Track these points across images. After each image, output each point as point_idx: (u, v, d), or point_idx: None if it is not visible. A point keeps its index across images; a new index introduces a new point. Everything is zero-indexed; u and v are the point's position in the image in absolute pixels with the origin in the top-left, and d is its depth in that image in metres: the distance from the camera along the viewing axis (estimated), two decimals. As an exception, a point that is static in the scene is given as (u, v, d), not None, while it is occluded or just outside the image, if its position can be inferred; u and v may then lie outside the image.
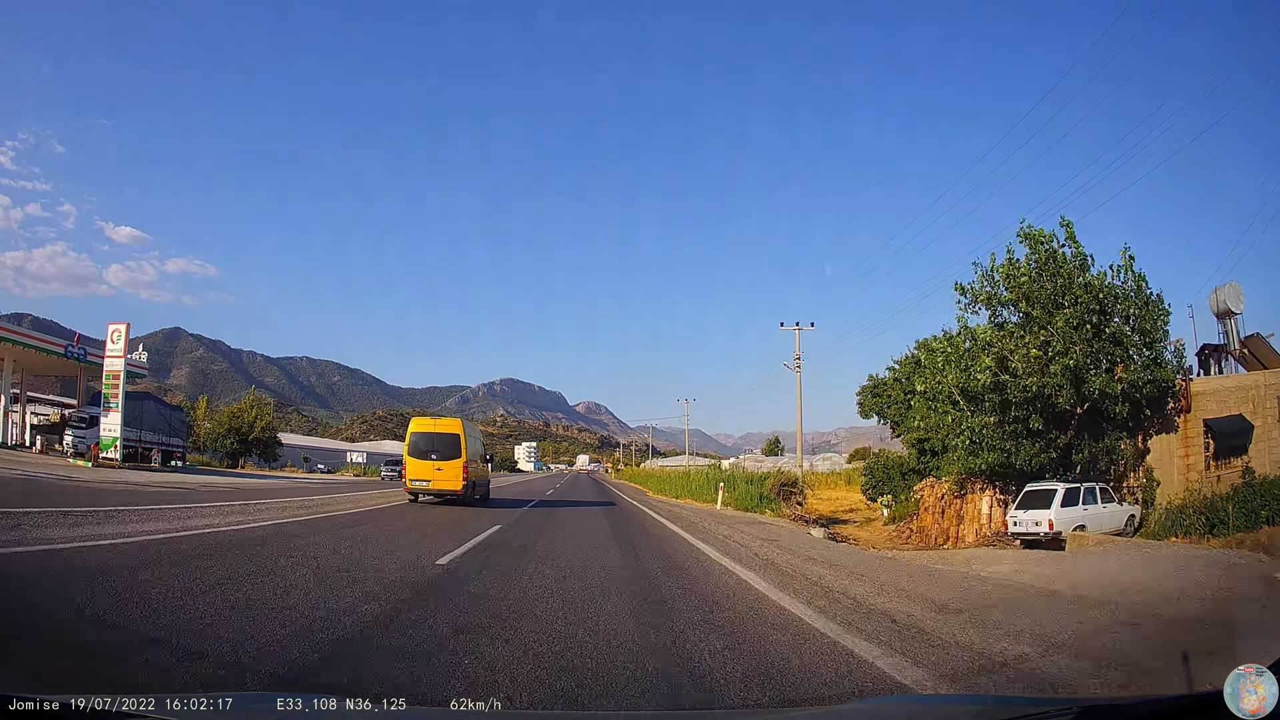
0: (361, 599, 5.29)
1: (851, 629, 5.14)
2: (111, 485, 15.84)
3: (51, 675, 3.09)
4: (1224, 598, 6.84)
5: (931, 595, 6.91)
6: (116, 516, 9.20)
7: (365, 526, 11.05)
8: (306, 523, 10.98)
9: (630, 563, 8.72)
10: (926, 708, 2.83)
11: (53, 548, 6.40)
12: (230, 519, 10.31)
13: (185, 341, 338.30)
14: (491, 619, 4.97)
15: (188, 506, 11.87)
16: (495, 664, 3.76)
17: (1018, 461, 15.33)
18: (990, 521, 16.52)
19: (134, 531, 7.92)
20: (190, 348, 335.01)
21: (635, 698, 3.39)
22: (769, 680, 3.66)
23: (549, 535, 11.77)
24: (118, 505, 10.72)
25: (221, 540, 8.00)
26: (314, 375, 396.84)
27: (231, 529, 9.18)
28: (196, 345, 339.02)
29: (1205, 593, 7.06)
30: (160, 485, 18.07)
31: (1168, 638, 5.21)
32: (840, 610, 5.89)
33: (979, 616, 5.90)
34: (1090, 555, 10.31)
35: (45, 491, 12.78)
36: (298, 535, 9.20)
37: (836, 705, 3.10)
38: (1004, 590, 7.60)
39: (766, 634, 4.98)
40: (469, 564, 7.58)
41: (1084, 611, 6.22)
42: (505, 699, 3.12)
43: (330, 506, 14.79)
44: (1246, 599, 6.93)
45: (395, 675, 3.47)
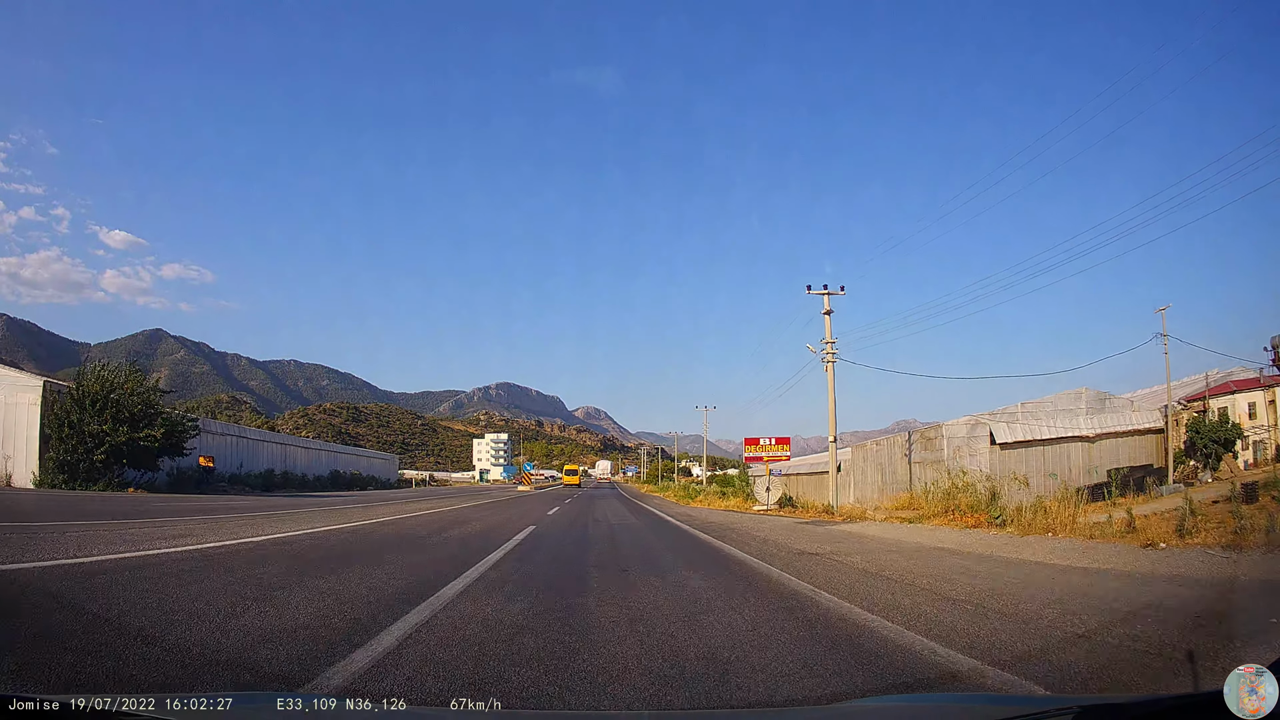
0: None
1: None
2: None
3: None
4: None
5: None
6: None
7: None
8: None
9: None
10: (926, 707, 2.85)
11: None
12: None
13: (166, 344, 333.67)
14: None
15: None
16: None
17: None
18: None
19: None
20: (171, 350, 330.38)
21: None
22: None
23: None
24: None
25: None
26: (301, 379, 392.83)
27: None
28: (178, 347, 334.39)
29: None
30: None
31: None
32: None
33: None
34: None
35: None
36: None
37: (837, 705, 3.11)
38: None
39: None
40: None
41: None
42: (504, 699, 3.08)
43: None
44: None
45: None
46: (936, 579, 6.77)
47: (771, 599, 5.72)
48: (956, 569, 7.55)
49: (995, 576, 6.96)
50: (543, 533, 12.09)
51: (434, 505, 20.74)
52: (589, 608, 5.08)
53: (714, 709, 3.26)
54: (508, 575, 6.57)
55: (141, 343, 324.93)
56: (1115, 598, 5.65)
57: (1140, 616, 4.86)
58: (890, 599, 5.64)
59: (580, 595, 5.61)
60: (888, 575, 7.11)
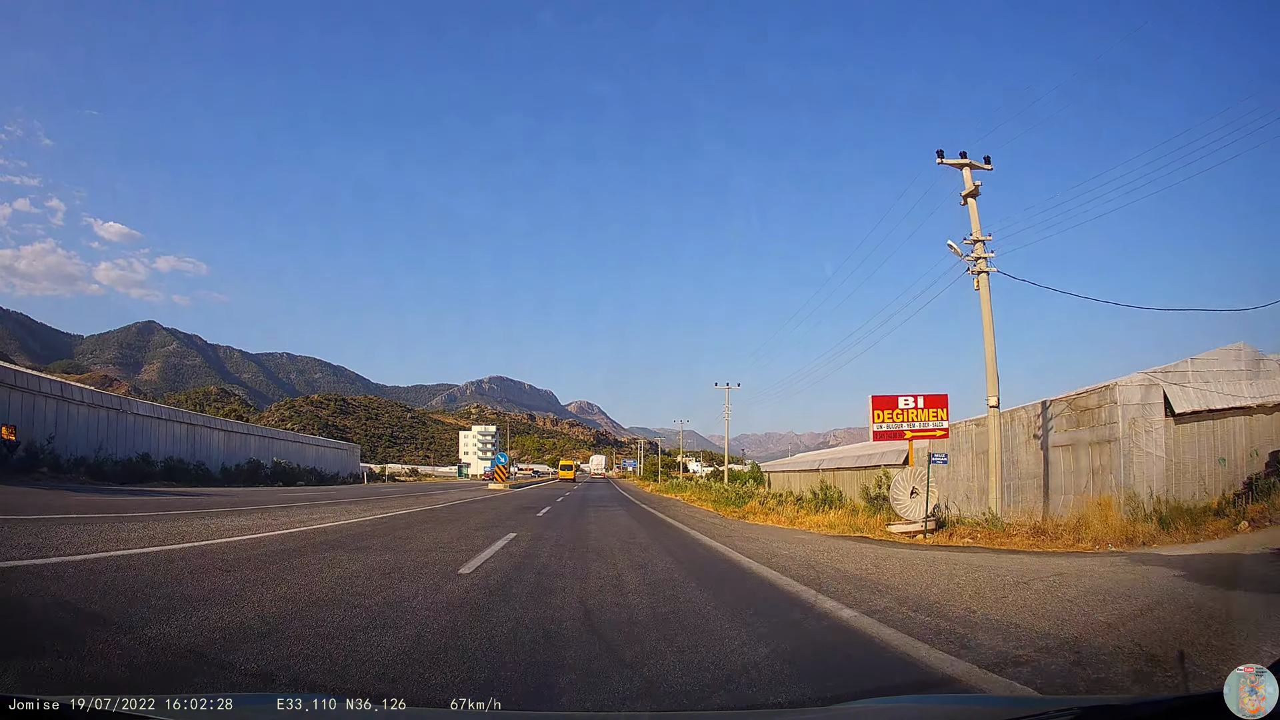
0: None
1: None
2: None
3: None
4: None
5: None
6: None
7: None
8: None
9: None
10: (926, 708, 2.86)
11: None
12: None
13: (159, 336, 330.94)
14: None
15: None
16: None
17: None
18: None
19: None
20: (164, 342, 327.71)
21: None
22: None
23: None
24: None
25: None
26: (294, 372, 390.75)
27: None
28: (170, 339, 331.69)
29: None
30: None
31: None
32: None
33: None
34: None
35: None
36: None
37: (837, 705, 3.12)
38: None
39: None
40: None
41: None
42: (505, 699, 3.07)
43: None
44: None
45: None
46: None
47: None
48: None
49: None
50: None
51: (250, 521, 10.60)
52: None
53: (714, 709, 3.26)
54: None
55: (134, 335, 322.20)
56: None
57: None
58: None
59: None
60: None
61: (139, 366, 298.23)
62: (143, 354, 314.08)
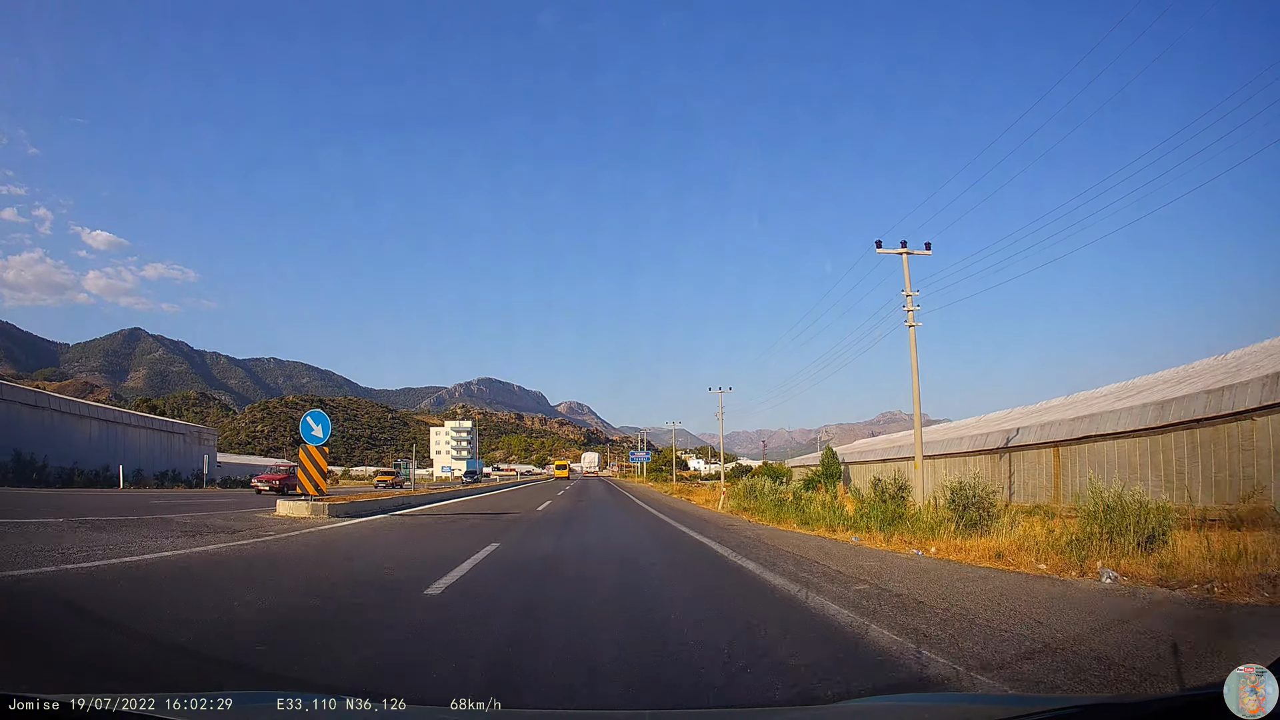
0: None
1: None
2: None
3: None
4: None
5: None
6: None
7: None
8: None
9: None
10: (926, 707, 2.87)
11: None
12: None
13: (145, 343, 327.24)
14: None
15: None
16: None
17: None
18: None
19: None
20: (150, 349, 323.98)
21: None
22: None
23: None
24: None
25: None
26: (281, 377, 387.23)
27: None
28: (156, 346, 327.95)
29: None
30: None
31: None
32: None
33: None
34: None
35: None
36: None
37: (837, 705, 3.13)
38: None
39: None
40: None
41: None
42: (505, 699, 3.06)
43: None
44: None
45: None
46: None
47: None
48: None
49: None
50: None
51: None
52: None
53: (714, 709, 3.26)
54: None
55: (119, 342, 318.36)
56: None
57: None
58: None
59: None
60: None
61: (125, 374, 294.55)
62: (128, 361, 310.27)
